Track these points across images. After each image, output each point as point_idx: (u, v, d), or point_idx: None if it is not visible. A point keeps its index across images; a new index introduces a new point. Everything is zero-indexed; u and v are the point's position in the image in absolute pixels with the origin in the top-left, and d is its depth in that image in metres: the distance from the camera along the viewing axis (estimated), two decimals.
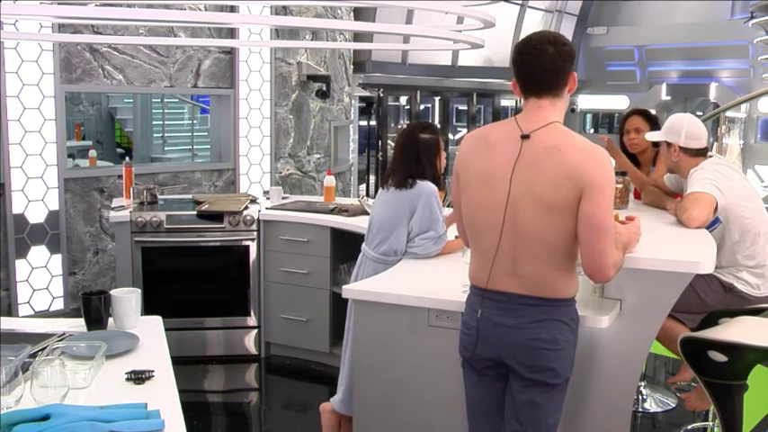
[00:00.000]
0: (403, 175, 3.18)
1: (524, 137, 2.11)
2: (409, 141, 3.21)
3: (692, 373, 2.83)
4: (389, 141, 12.20)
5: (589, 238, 2.04)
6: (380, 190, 3.35)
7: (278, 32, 6.00)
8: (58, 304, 4.90)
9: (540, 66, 2.10)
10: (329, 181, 4.86)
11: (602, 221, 2.03)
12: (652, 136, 3.52)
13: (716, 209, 3.09)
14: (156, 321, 2.34)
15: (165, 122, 9.79)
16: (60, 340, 2.10)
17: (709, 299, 3.22)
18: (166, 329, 2.28)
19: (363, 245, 3.38)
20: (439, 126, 3.26)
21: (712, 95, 13.91)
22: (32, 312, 4.75)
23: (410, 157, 3.17)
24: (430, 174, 3.18)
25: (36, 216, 4.75)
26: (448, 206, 3.36)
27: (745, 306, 3.19)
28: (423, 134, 3.19)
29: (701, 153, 3.35)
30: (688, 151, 3.33)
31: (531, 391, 2.15)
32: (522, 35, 2.24)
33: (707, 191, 3.07)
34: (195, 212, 4.47)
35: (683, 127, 3.34)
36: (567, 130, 2.13)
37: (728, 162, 3.53)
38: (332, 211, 4.42)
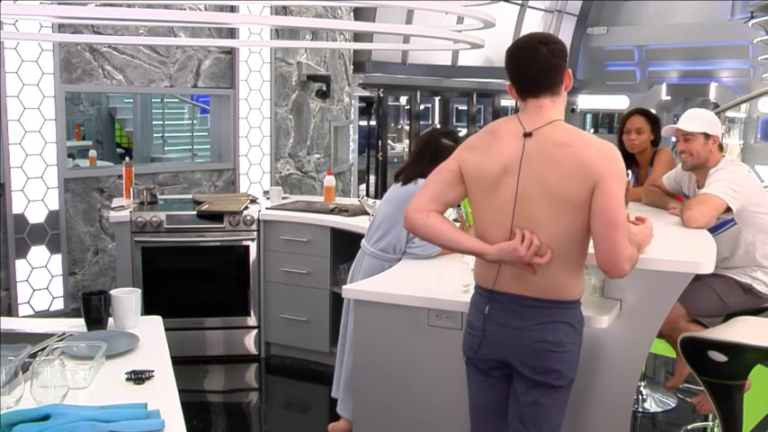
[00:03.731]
0: (413, 173, 3.20)
1: (527, 134, 2.10)
2: (430, 143, 3.24)
3: (686, 372, 2.82)
4: (389, 141, 12.21)
5: (603, 232, 2.03)
6: (392, 185, 3.37)
7: (278, 32, 6.00)
8: (58, 304, 4.90)
9: (535, 65, 2.10)
10: (329, 181, 4.86)
11: (615, 214, 2.02)
12: (692, 126, 3.26)
13: (727, 211, 3.07)
14: (156, 321, 2.34)
15: (165, 122, 9.79)
16: (60, 340, 2.10)
17: (731, 301, 3.22)
18: (166, 329, 2.28)
19: (363, 240, 3.38)
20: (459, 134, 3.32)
21: (712, 95, 13.91)
22: (32, 312, 4.75)
23: (425, 157, 3.17)
24: None
25: (36, 216, 4.75)
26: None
27: (762, 305, 3.19)
28: (444, 139, 3.20)
29: (721, 149, 3.36)
30: (719, 145, 3.32)
31: (536, 393, 2.15)
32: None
33: (719, 194, 3.03)
34: (195, 212, 4.47)
35: (718, 120, 3.32)
36: (572, 127, 2.14)
37: (741, 163, 3.52)
38: (332, 211, 4.42)
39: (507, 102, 14.40)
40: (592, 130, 15.75)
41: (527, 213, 2.09)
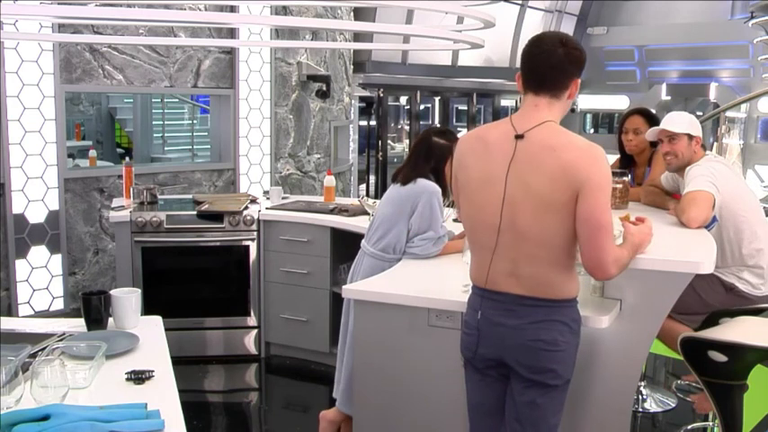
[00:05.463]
0: (410, 174, 3.22)
1: (518, 137, 2.11)
2: (422, 142, 3.29)
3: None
4: (389, 141, 12.22)
5: (588, 236, 2.04)
6: (390, 185, 3.38)
7: (278, 32, 5.99)
8: (58, 304, 4.90)
9: (546, 63, 2.11)
10: (329, 181, 4.86)
11: (599, 219, 2.03)
12: (677, 127, 3.32)
13: (714, 205, 3.08)
14: (156, 321, 2.34)
15: (165, 122, 9.80)
16: (60, 340, 2.10)
17: (711, 299, 3.22)
18: (166, 329, 2.28)
19: (363, 241, 3.38)
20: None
21: (712, 95, 13.92)
22: (32, 312, 4.75)
23: (420, 157, 3.24)
24: (435, 177, 3.20)
25: (36, 216, 4.75)
26: (448, 206, 3.36)
27: (746, 306, 3.19)
28: (436, 138, 3.24)
29: (704, 148, 3.39)
30: (702, 146, 3.37)
31: (532, 392, 2.15)
32: (522, 35, 2.26)
33: (703, 188, 3.06)
34: (195, 212, 4.47)
35: (698, 123, 3.38)
36: (562, 128, 2.13)
37: (723, 159, 3.53)
38: (332, 211, 4.42)
39: (507, 102, 14.41)
40: (592, 131, 15.77)
41: (515, 215, 2.10)
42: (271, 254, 4.53)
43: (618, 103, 14.94)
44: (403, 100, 13.27)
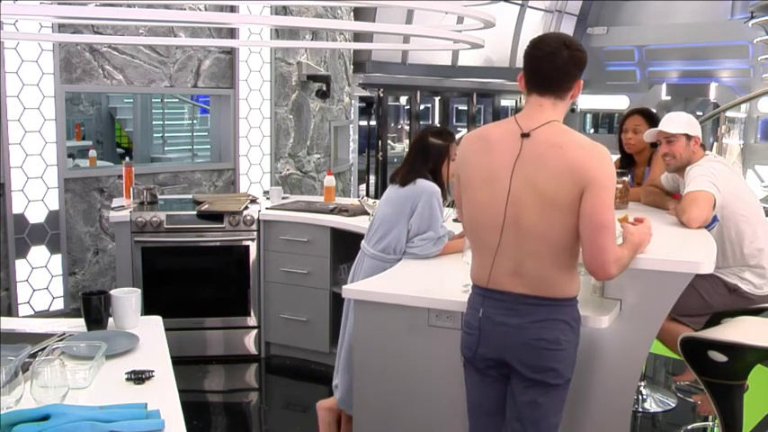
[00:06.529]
0: (407, 174, 3.23)
1: (524, 135, 2.11)
2: (418, 142, 3.31)
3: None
4: (389, 141, 12.22)
5: (590, 235, 2.05)
6: (388, 186, 3.38)
7: (278, 32, 6.00)
8: (58, 304, 4.90)
9: (550, 65, 2.11)
10: (329, 181, 4.86)
11: (602, 218, 2.03)
12: (674, 128, 3.34)
13: (714, 205, 3.08)
14: (156, 321, 2.34)
15: (165, 122, 9.79)
16: (60, 340, 2.10)
17: (714, 301, 3.21)
18: (166, 329, 2.28)
19: (363, 242, 3.38)
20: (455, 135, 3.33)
21: (712, 95, 13.93)
22: (32, 312, 4.75)
23: (417, 158, 3.25)
24: (433, 177, 3.21)
25: (36, 216, 4.75)
26: (448, 206, 3.36)
27: (749, 306, 3.19)
28: (433, 138, 3.24)
29: (704, 149, 3.38)
30: (702, 146, 3.36)
31: (533, 392, 2.15)
32: (523, 35, 2.26)
33: (704, 188, 3.06)
34: (195, 212, 4.47)
35: (697, 122, 3.38)
36: (567, 128, 2.14)
37: (723, 159, 3.53)
38: (332, 211, 4.42)
39: (507, 102, 14.40)
40: (592, 131, 15.77)
41: (519, 213, 2.10)
42: (271, 254, 4.53)
43: (618, 103, 14.95)
44: (403, 100, 13.27)
